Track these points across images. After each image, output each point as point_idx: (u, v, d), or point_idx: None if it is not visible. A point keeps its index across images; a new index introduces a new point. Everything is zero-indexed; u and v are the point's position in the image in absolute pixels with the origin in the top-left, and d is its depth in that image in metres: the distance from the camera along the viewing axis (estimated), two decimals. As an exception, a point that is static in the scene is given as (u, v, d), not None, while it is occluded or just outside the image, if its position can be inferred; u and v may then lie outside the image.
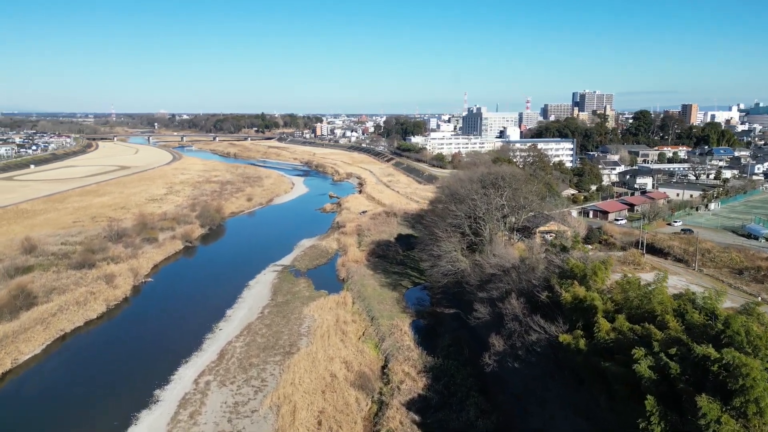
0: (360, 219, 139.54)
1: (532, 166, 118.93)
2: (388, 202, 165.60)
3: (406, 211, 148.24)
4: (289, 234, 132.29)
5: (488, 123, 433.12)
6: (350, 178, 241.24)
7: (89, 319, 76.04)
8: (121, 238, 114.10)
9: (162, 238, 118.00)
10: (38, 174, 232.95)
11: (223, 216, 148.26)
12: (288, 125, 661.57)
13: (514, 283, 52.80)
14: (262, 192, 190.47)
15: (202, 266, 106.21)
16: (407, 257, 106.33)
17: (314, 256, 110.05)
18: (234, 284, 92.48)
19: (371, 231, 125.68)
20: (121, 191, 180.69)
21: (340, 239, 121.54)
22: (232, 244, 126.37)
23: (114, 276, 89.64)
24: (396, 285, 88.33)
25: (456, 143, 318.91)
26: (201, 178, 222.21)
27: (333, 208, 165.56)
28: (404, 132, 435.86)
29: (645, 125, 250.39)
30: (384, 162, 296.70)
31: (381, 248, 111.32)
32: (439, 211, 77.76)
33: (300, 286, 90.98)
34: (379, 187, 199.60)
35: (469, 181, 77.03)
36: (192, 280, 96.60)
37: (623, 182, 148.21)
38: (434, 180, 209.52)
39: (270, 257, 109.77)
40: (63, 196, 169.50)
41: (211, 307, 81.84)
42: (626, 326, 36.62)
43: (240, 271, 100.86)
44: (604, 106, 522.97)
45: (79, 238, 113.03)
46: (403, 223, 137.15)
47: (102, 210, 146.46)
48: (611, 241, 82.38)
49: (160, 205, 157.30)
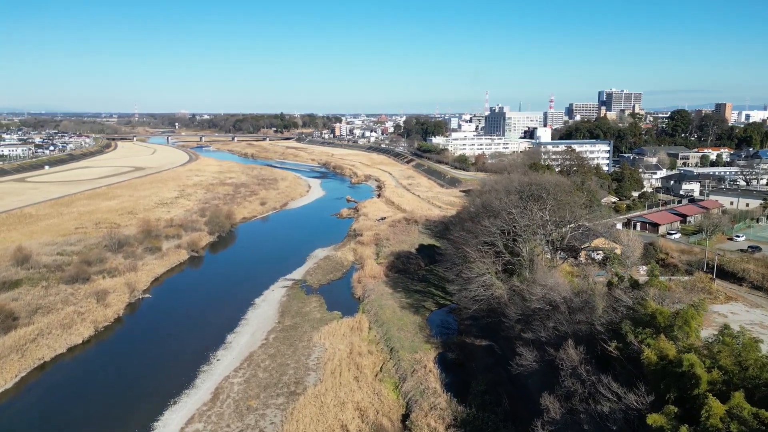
0: (378, 227, 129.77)
1: (576, 173, 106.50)
2: (408, 208, 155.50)
3: (427, 218, 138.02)
4: (302, 242, 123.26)
5: (511, 123, 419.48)
6: (369, 181, 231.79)
7: (73, 345, 67.64)
8: (122, 247, 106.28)
9: (166, 248, 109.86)
10: (52, 175, 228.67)
11: (233, 222, 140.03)
12: (307, 125, 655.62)
13: (568, 323, 42.50)
14: (276, 195, 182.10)
15: (206, 280, 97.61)
16: (430, 272, 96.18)
17: (328, 269, 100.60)
18: (238, 302, 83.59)
19: (390, 241, 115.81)
20: (130, 194, 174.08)
21: (357, 250, 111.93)
22: (240, 253, 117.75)
23: (107, 293, 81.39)
24: (418, 307, 78.25)
25: (479, 144, 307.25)
26: (215, 181, 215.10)
27: (350, 214, 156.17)
28: (425, 132, 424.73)
29: (682, 125, 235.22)
30: (404, 163, 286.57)
31: (401, 261, 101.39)
32: (469, 226, 67.55)
33: (311, 305, 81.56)
34: (399, 191, 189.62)
35: (505, 191, 66.55)
36: (193, 297, 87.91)
37: (666, 188, 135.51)
38: (457, 183, 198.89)
39: (280, 269, 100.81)
40: (71, 199, 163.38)
41: (211, 331, 72.96)
42: (748, 411, 26.12)
43: (246, 286, 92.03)
44: (633, 105, 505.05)
45: (78, 248, 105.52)
46: (424, 231, 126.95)
47: (108, 215, 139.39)
48: (670, 261, 71.15)
49: (169, 210, 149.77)
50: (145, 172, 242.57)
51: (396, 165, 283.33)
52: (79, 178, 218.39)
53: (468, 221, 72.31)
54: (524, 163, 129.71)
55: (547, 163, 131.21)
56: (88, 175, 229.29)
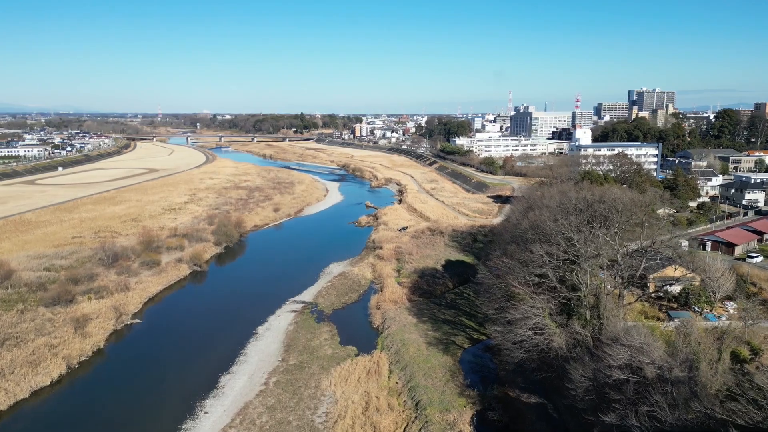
0: (400, 238, 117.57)
1: (632, 182, 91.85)
2: (432, 216, 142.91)
3: (454, 228, 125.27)
4: (316, 255, 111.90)
5: (538, 123, 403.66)
6: (389, 184, 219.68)
7: (39, 388, 57.07)
8: (117, 261, 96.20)
9: (165, 262, 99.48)
10: (63, 177, 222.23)
11: (243, 230, 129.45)
12: (327, 125, 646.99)
13: (671, 408, 29.95)
14: (291, 201, 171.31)
15: (205, 301, 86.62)
16: (460, 296, 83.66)
17: (343, 289, 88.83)
18: (239, 331, 72.40)
19: (413, 255, 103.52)
20: (138, 199, 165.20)
21: (376, 266, 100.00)
22: (247, 268, 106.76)
23: (89, 319, 71.04)
24: (447, 342, 65.83)
25: (504, 145, 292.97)
26: (229, 184, 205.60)
27: (369, 222, 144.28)
28: (447, 133, 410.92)
29: (729, 126, 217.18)
30: (426, 166, 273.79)
31: (426, 281, 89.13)
32: (514, 251, 54.97)
33: (321, 336, 69.83)
34: (422, 196, 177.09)
35: (560, 210, 53.70)
36: (188, 323, 76.93)
37: (726, 197, 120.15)
38: (484, 188, 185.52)
39: (290, 288, 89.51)
40: (75, 204, 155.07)
41: (203, 370, 61.82)
42: None
43: (250, 309, 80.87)
44: (666, 105, 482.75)
45: (68, 261, 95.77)
46: (451, 244, 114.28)
47: (110, 222, 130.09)
48: (763, 295, 57.43)
49: (176, 217, 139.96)
50: (159, 174, 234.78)
51: (418, 167, 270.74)
52: (90, 180, 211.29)
53: (511, 244, 59.75)
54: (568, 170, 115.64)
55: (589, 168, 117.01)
56: (100, 177, 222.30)
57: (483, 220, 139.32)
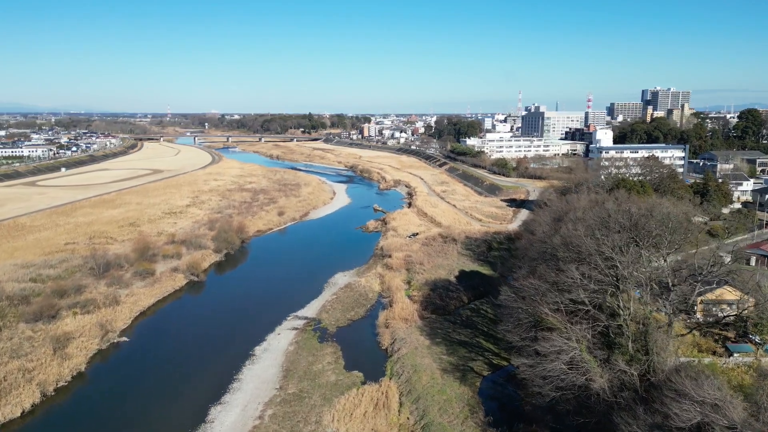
0: (410, 246, 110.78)
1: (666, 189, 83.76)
2: (443, 221, 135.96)
3: (467, 235, 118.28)
4: (321, 263, 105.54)
5: (550, 123, 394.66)
6: (398, 186, 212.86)
7: (9, 420, 51.01)
8: (109, 270, 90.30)
9: (160, 271, 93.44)
10: (66, 178, 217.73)
11: (246, 236, 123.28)
12: (335, 125, 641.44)
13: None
14: (297, 204, 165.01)
15: (200, 315, 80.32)
16: (476, 312, 76.76)
17: (349, 302, 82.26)
18: (234, 351, 66.11)
19: (424, 265, 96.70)
20: (139, 202, 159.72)
21: (384, 276, 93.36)
22: (248, 277, 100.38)
23: (71, 338, 65.08)
24: (464, 369, 59.01)
25: (516, 146, 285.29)
26: (233, 186, 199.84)
27: (377, 227, 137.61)
28: (457, 133, 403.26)
29: (754, 127, 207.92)
30: (436, 167, 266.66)
31: (438, 294, 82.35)
32: (543, 271, 47.92)
33: (324, 360, 63.28)
34: (432, 200, 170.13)
35: (600, 224, 46.54)
36: (179, 342, 70.66)
37: (760, 203, 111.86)
38: (497, 191, 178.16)
39: (292, 301, 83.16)
40: (73, 207, 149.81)
41: (191, 399, 55.52)
42: None
43: (248, 325, 74.64)
44: (681, 105, 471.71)
45: (57, 271, 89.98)
46: (464, 252, 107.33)
47: (106, 227, 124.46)
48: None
49: (176, 222, 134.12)
50: (163, 175, 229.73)
51: (428, 169, 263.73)
52: (92, 181, 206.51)
53: (539, 262, 52.72)
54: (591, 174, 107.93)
55: (613, 172, 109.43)
56: (103, 178, 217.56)
57: (497, 225, 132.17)
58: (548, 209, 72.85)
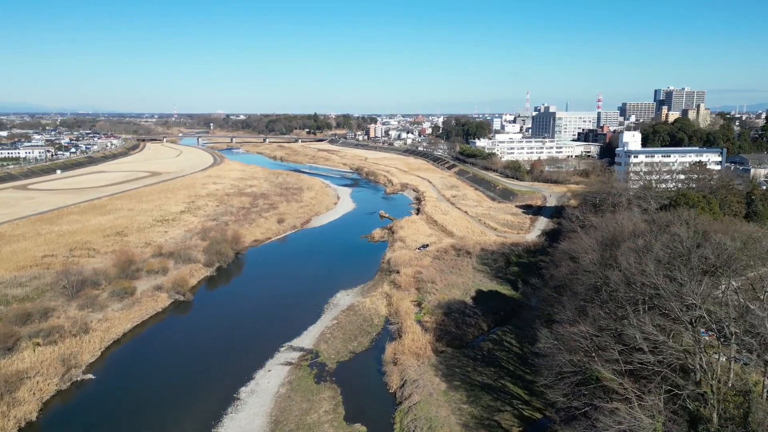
0: (420, 260, 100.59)
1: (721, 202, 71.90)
2: (455, 230, 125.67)
3: (483, 247, 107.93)
4: (321, 280, 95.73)
5: (562, 124, 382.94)
6: (405, 191, 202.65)
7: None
8: (84, 289, 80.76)
9: (142, 290, 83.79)
10: (60, 181, 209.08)
11: (241, 246, 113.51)
12: (341, 126, 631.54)
13: None
14: (298, 210, 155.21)
15: (181, 346, 70.36)
16: (499, 345, 66.40)
17: (351, 329, 72.21)
18: (215, 394, 56.25)
19: (437, 284, 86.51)
20: (131, 207, 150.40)
21: (392, 297, 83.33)
22: (238, 298, 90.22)
23: (24, 377, 55.37)
24: (489, 425, 48.75)
25: (528, 147, 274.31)
26: (232, 190, 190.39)
27: (383, 237, 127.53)
28: (465, 134, 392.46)
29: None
30: (445, 169, 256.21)
31: (454, 320, 72.20)
32: (599, 317, 37.58)
33: (321, 407, 53.21)
34: (443, 206, 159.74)
35: (674, 256, 36.27)
36: (153, 381, 60.72)
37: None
38: (511, 197, 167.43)
39: (286, 328, 73.34)
40: (60, 213, 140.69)
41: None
42: None
43: (235, 358, 64.79)
44: (696, 105, 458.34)
45: (26, 290, 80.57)
46: (480, 267, 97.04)
47: (91, 237, 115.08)
48: None
49: (167, 230, 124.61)
50: (160, 178, 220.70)
51: (436, 171, 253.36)
52: (86, 185, 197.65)
53: (588, 301, 42.28)
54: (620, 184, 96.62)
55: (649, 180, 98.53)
56: (98, 181, 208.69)
57: (515, 236, 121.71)
58: (593, 231, 61.97)
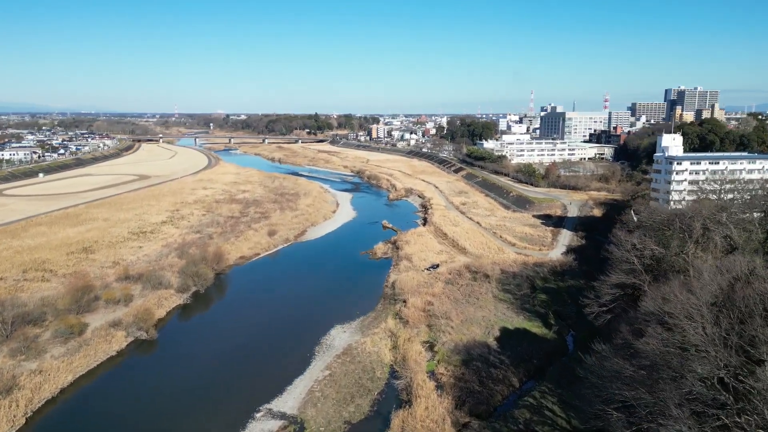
0: (430, 284, 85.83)
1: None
2: (469, 246, 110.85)
3: (502, 268, 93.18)
4: (313, 309, 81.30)
5: (572, 124, 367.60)
6: (410, 197, 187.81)
7: None
8: (24, 325, 66.16)
9: (94, 327, 69.21)
10: (39, 186, 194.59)
11: (224, 265, 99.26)
12: (342, 126, 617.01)
13: None
14: (292, 219, 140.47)
15: (129, 410, 55.35)
16: (538, 412, 51.38)
17: (348, 385, 57.41)
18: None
19: (452, 319, 71.77)
20: (107, 217, 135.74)
21: (398, 335, 68.65)
22: (212, 335, 74.96)
23: None
24: None
25: (539, 149, 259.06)
26: (223, 196, 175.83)
27: (386, 252, 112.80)
28: (471, 134, 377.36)
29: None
30: (451, 173, 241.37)
31: (475, 372, 57.54)
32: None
33: None
34: (452, 215, 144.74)
35: None
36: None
37: None
38: (527, 205, 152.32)
39: (266, 382, 58.87)
40: (27, 224, 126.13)
41: None
42: None
43: (196, 426, 50.02)
44: (711, 105, 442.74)
45: (-50, 329, 65.91)
46: (502, 296, 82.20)
47: (53, 254, 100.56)
48: None
49: (141, 245, 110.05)
50: (148, 182, 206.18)
51: (442, 175, 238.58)
52: (67, 190, 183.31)
53: (706, 404, 27.85)
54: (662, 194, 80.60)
55: (701, 194, 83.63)
56: (81, 185, 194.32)
57: (537, 253, 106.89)
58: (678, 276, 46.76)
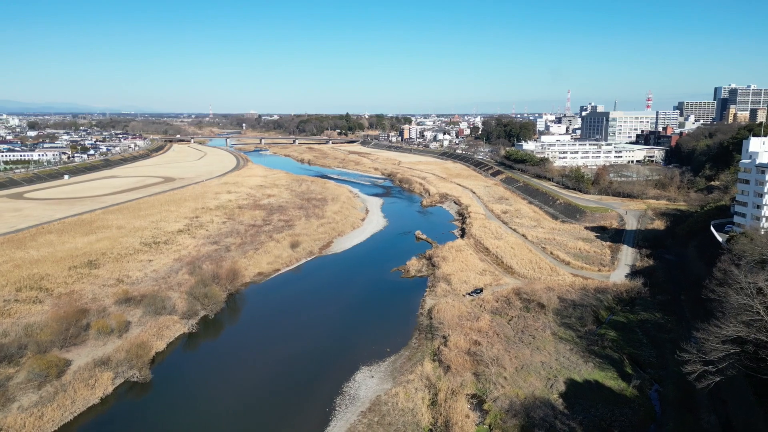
0: (474, 316, 72.47)
1: None
2: (516, 265, 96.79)
3: (559, 295, 79.05)
4: (334, 343, 69.14)
5: (616, 124, 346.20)
6: (445, 203, 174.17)
7: None
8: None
9: (77, 367, 58.65)
10: (61, 188, 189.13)
11: (239, 283, 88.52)
12: (374, 126, 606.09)
13: None
14: (317, 229, 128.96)
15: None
16: None
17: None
18: None
19: (504, 366, 58.35)
20: (122, 225, 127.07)
21: (438, 386, 55.68)
22: (214, 378, 63.08)
23: None
24: None
25: (583, 152, 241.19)
26: (247, 200, 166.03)
27: (421, 270, 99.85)
28: (508, 135, 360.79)
29: None
30: (489, 176, 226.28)
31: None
32: None
33: None
34: (493, 225, 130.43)
35: None
36: None
37: None
38: (578, 214, 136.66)
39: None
40: (37, 232, 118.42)
41: None
42: None
43: None
44: (766, 105, 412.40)
45: None
46: (563, 333, 68.15)
47: (54, 268, 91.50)
48: None
49: (152, 258, 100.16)
50: (172, 185, 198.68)
51: (479, 178, 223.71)
52: (88, 193, 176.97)
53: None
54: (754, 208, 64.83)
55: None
56: (103, 188, 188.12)
57: (595, 274, 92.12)
58: None
